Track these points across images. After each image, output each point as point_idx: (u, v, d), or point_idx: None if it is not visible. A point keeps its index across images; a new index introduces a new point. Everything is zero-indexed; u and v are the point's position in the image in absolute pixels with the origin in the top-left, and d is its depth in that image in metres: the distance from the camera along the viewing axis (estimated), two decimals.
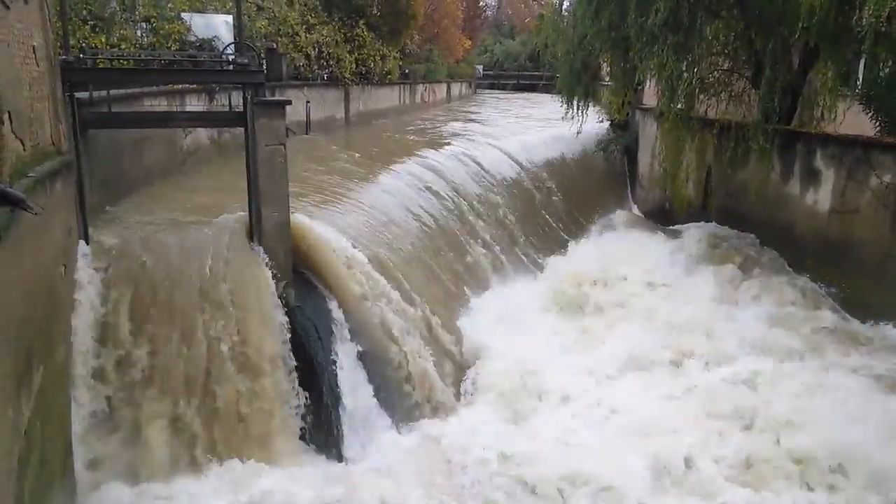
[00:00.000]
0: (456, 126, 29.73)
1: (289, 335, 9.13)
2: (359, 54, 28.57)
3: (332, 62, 26.26)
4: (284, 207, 9.58)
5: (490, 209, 17.76)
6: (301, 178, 13.21)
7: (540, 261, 17.25)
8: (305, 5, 25.92)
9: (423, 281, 12.54)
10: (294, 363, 9.08)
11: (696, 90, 16.43)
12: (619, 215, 20.91)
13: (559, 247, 18.19)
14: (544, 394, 10.91)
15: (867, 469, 8.59)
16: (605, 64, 21.18)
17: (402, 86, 37.15)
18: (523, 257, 17.09)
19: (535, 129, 27.68)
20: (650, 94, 20.69)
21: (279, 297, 9.25)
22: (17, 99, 6.18)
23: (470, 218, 16.55)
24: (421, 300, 11.60)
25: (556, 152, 23.49)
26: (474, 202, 17.30)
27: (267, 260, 9.36)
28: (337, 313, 9.75)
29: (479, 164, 19.70)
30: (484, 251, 15.84)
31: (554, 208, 20.64)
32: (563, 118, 22.30)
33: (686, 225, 17.88)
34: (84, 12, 13.30)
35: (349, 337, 9.72)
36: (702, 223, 17.56)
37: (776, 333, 12.24)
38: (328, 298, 9.86)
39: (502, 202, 18.49)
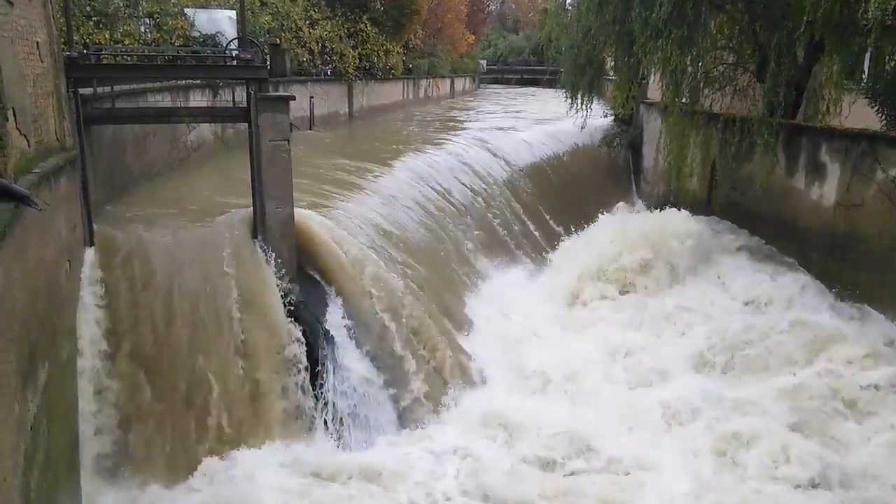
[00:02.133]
0: (454, 123, 29.67)
1: (293, 330, 9.14)
2: (362, 49, 28.54)
3: (335, 57, 26.25)
4: (288, 203, 9.58)
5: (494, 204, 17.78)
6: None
7: None
8: (309, 0, 25.89)
9: (426, 273, 12.57)
10: (300, 357, 9.10)
11: (701, 84, 16.36)
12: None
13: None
14: None
15: None
16: (610, 58, 21.10)
17: (405, 81, 37.11)
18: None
19: (536, 127, 27.58)
20: (654, 89, 20.60)
21: (283, 293, 9.27)
22: (21, 95, 6.19)
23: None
24: (425, 291, 11.62)
25: (557, 150, 23.49)
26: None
27: (271, 256, 9.37)
28: (340, 308, 9.74)
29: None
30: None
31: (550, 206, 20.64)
32: (567, 113, 22.24)
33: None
34: (88, 8, 13.29)
35: (353, 332, 9.71)
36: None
37: None
38: (332, 294, 9.85)
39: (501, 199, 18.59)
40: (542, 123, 28.00)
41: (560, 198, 20.93)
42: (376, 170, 16.03)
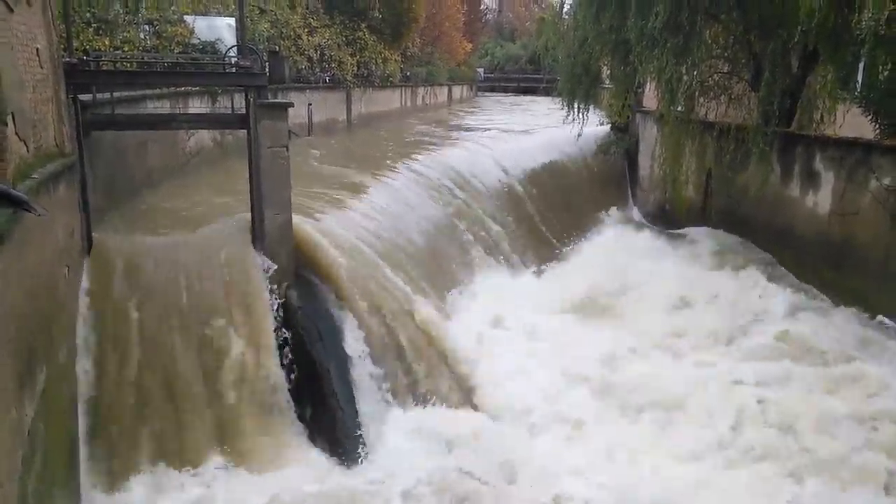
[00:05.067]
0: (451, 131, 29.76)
1: (289, 336, 9.16)
2: (360, 57, 28.66)
3: (333, 65, 26.35)
4: (286, 209, 9.62)
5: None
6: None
7: None
8: (307, 8, 26.02)
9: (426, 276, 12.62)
10: (297, 362, 9.13)
11: (696, 93, 16.48)
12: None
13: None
14: None
15: None
16: (606, 67, 21.21)
17: (403, 88, 37.21)
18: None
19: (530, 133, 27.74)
20: (650, 97, 20.73)
21: (281, 299, 9.29)
22: (20, 101, 6.22)
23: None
24: (425, 293, 11.66)
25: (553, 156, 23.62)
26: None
27: (269, 261, 9.39)
28: (339, 313, 9.76)
29: None
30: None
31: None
32: (563, 121, 22.36)
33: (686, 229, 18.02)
34: (88, 15, 13.36)
35: (353, 337, 9.72)
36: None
37: None
38: (330, 299, 9.87)
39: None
40: (535, 133, 28.05)
41: (555, 205, 21.02)
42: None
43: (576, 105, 21.55)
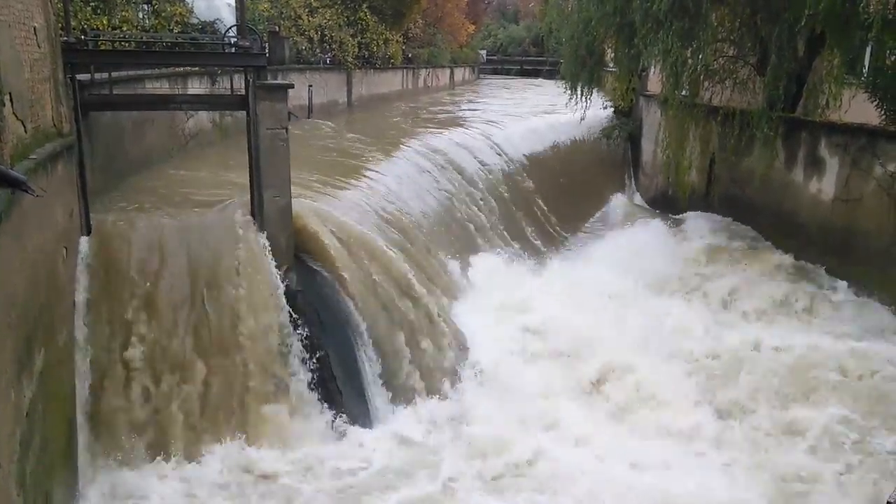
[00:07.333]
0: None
1: (289, 319, 9.13)
2: (362, 38, 28.43)
3: (334, 46, 26.14)
4: (286, 191, 9.54)
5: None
6: None
7: None
8: None
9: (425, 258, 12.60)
10: (298, 346, 9.11)
11: (701, 77, 16.30)
12: None
13: None
14: None
15: None
16: (610, 50, 21.01)
17: (405, 70, 36.97)
18: None
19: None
20: (655, 81, 20.55)
21: (281, 281, 9.25)
22: (17, 80, 6.15)
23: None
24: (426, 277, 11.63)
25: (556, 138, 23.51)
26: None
27: (268, 244, 9.34)
28: (338, 296, 9.73)
29: None
30: None
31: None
32: (566, 104, 22.19)
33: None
34: None
35: (353, 322, 9.70)
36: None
37: None
38: (330, 281, 9.83)
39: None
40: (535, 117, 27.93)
41: (555, 191, 20.93)
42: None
43: (579, 88, 21.37)
